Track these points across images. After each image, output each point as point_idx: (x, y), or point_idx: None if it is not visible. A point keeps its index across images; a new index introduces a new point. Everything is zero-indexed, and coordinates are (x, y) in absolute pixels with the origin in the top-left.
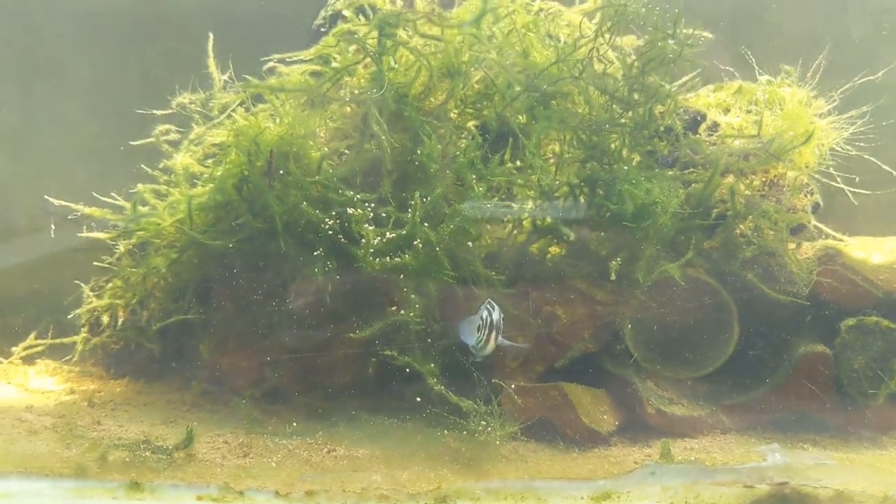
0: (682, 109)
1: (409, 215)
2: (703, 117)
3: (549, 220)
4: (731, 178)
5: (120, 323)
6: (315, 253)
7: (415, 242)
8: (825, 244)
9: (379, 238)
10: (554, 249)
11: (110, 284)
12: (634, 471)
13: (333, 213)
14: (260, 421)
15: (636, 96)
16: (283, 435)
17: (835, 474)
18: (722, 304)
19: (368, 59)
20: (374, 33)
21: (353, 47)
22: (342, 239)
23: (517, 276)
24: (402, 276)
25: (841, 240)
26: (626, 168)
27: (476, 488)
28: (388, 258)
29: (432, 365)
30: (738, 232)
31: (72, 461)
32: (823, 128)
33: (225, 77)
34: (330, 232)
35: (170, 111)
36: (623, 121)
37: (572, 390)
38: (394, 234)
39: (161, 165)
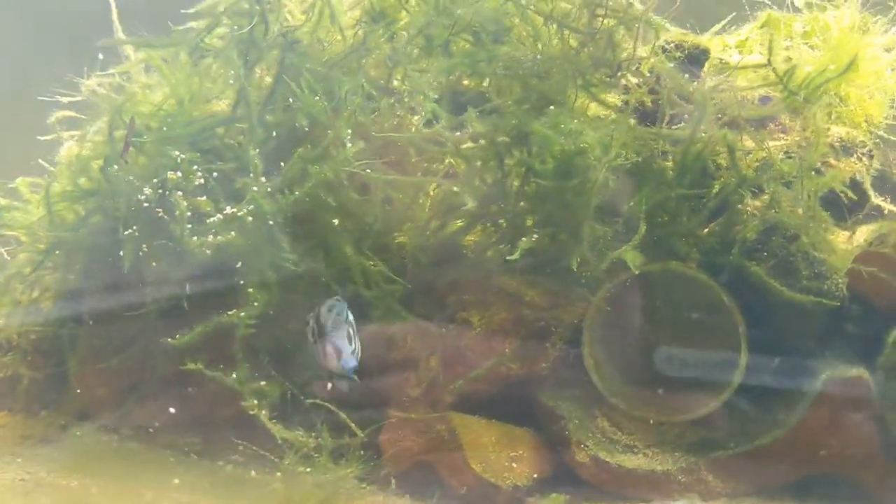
0: (672, 44)
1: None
2: (704, 53)
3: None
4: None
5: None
6: (126, 232)
7: (242, 212)
8: (881, 226)
9: (219, 215)
10: (478, 236)
11: None
12: None
13: (155, 181)
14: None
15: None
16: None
17: None
18: (722, 314)
19: None
20: None
21: None
22: (159, 213)
23: (430, 271)
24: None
25: None
26: (552, 109)
27: None
28: (209, 237)
29: (264, 384)
30: (746, 208)
31: None
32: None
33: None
34: (146, 204)
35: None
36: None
37: (467, 425)
38: (236, 209)
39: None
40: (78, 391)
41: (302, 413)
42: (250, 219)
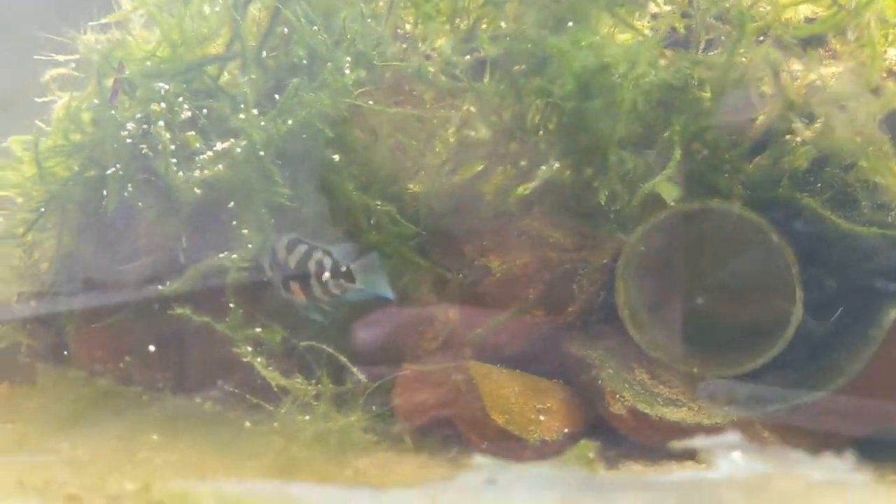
0: None
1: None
2: None
3: (482, 131)
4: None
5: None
6: (108, 172)
7: (229, 143)
8: None
9: (209, 152)
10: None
11: None
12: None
13: (139, 116)
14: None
15: None
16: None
17: None
18: (772, 254)
19: None
20: None
21: None
22: (143, 149)
23: (445, 218)
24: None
25: None
26: (570, 26)
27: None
28: (197, 171)
29: (259, 329)
30: (795, 137)
31: None
32: None
33: None
34: (129, 140)
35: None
36: None
37: (486, 374)
38: (228, 143)
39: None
40: (77, 355)
41: (306, 366)
42: (239, 150)
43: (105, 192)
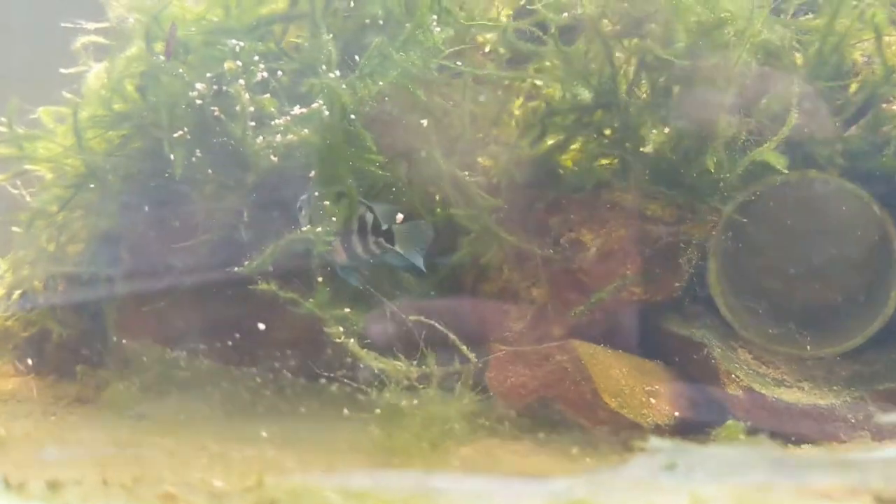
0: None
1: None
2: None
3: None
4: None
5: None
6: (174, 135)
7: (316, 104)
8: None
9: (283, 117)
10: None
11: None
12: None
13: (209, 76)
14: None
15: None
16: None
17: None
18: (872, 225)
19: None
20: None
21: None
22: (215, 113)
23: (525, 191)
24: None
25: None
26: None
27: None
28: (279, 136)
29: (347, 310)
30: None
31: None
32: None
33: None
34: (199, 102)
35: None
36: None
37: (593, 354)
38: (304, 109)
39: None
40: (121, 342)
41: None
42: (326, 113)
43: (153, 163)
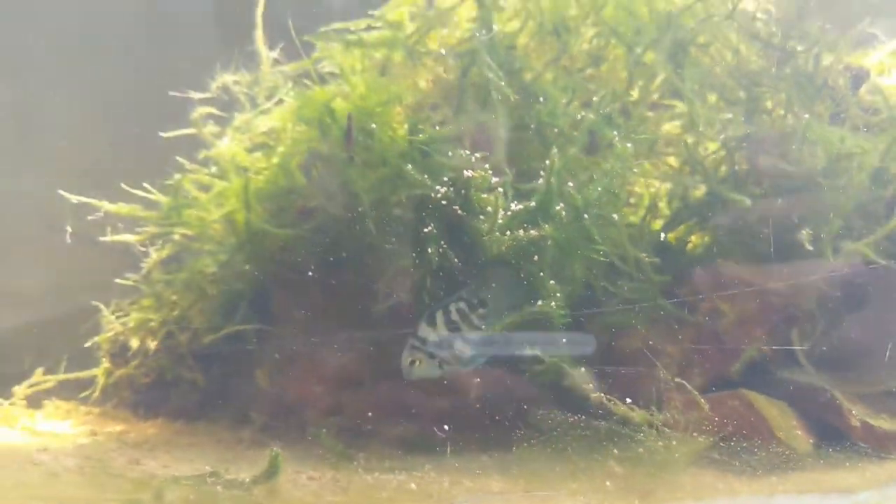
0: (842, 66)
1: (539, 183)
2: (866, 75)
3: (700, 190)
4: None
5: (152, 349)
6: (426, 230)
7: (556, 208)
8: None
9: (503, 212)
10: (695, 238)
11: (137, 304)
12: None
13: (445, 179)
14: (347, 455)
15: (794, 45)
16: (382, 469)
17: None
18: None
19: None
20: None
21: None
22: (459, 211)
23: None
24: (535, 257)
25: None
26: (807, 118)
27: None
28: (521, 231)
29: (582, 369)
30: None
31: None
32: None
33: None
34: (443, 202)
35: (208, 95)
36: (786, 70)
37: (756, 399)
38: (521, 206)
39: (202, 156)
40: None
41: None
42: (564, 213)
43: (324, 236)
